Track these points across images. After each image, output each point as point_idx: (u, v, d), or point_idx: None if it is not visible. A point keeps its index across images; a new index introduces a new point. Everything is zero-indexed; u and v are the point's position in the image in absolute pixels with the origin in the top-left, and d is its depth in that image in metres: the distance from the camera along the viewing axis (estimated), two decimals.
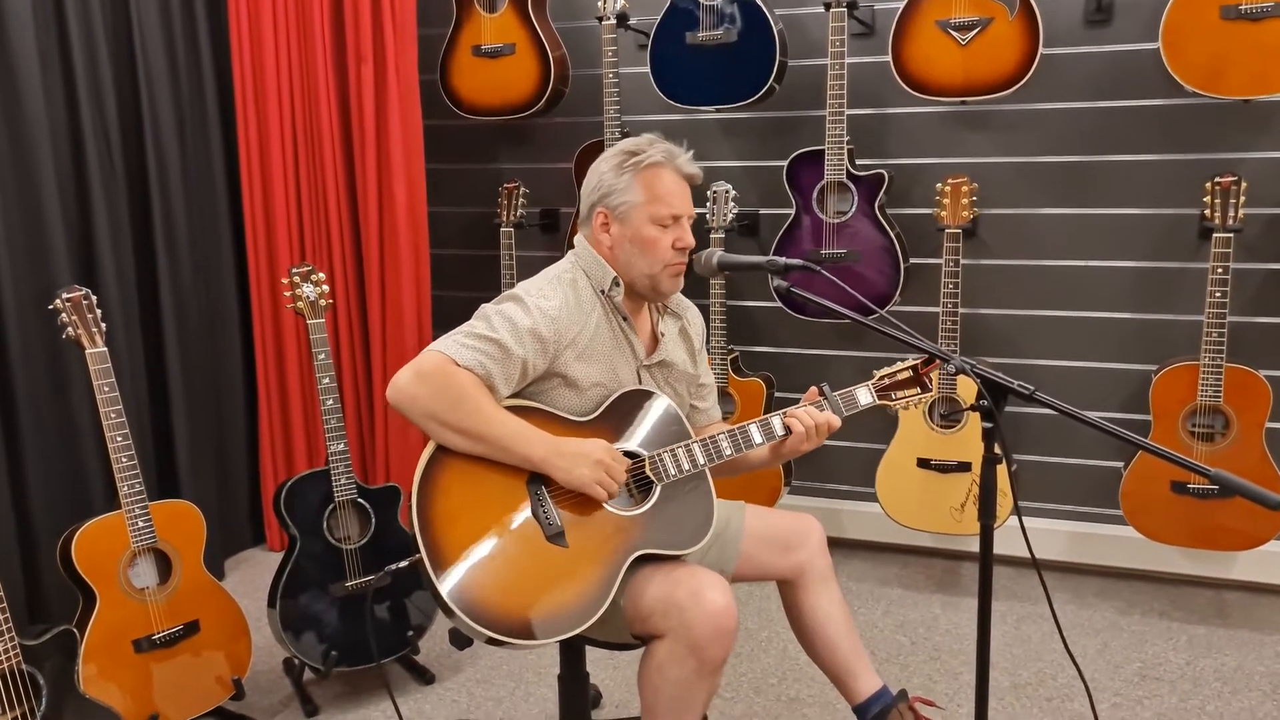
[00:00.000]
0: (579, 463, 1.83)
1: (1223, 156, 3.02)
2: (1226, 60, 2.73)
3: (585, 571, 1.83)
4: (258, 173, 3.50)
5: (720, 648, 1.80)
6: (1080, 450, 3.33)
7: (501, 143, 3.86)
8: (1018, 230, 3.28)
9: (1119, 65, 3.10)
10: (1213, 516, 2.89)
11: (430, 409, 1.83)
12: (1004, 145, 3.25)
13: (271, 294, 3.55)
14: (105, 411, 2.32)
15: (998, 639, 2.92)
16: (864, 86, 3.31)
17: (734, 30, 3.18)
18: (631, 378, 2.04)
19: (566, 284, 1.99)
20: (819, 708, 2.60)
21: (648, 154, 1.97)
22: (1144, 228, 3.16)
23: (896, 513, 3.21)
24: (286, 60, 3.46)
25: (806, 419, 1.98)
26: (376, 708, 2.68)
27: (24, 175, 2.88)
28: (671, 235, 1.97)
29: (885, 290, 3.16)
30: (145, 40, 3.23)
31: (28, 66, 2.84)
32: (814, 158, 3.18)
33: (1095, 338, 3.25)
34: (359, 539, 2.67)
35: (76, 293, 2.35)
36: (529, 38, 3.45)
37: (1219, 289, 2.78)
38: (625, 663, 2.80)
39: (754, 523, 2.16)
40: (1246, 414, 2.83)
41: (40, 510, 2.90)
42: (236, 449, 3.67)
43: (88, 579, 2.29)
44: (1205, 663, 2.77)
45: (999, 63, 2.94)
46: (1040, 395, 1.60)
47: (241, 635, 2.56)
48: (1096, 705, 2.56)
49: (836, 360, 3.54)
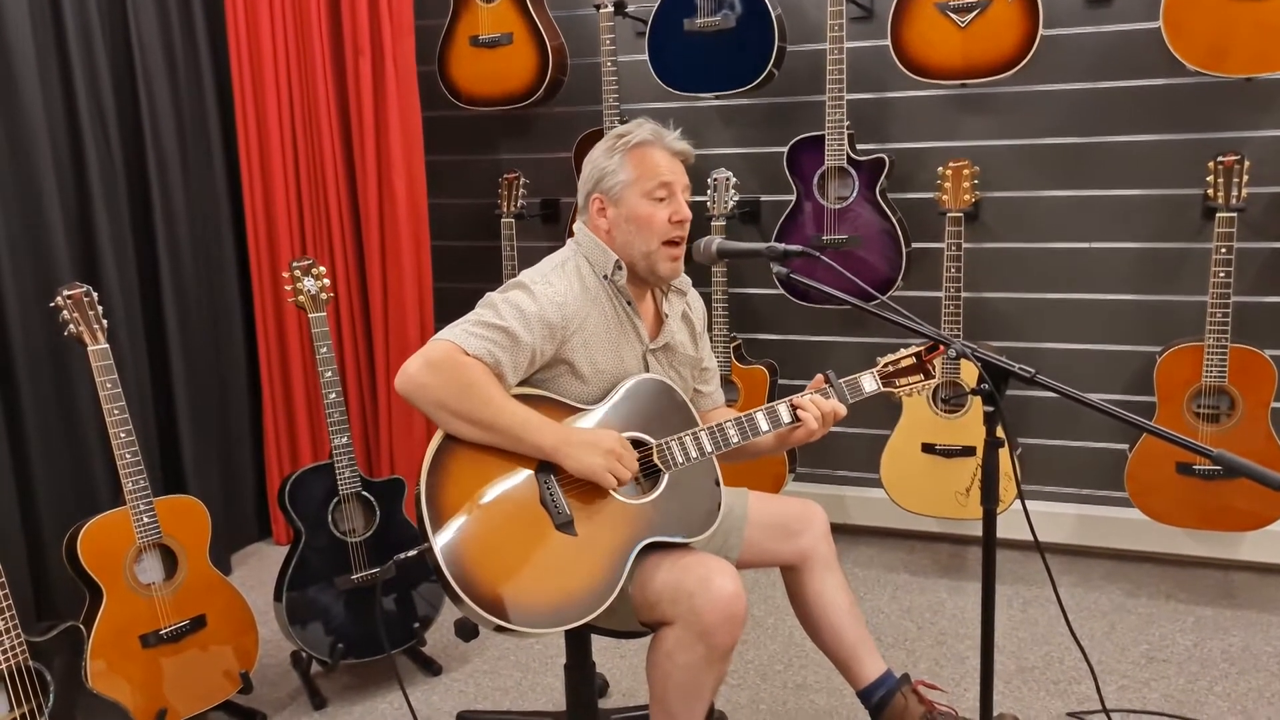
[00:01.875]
0: (590, 451, 1.83)
1: (1225, 135, 3.01)
2: (1228, 39, 2.71)
3: (594, 559, 1.83)
4: (257, 167, 3.50)
5: (729, 634, 1.80)
6: (1086, 433, 3.32)
7: (501, 133, 3.85)
8: (1020, 213, 3.27)
9: (1120, 45, 3.08)
10: (1219, 497, 2.89)
11: (439, 398, 1.83)
12: (1005, 128, 3.24)
13: (273, 288, 3.55)
14: (108, 408, 2.32)
15: (1004, 623, 2.92)
16: (863, 71, 3.29)
17: (732, 16, 3.16)
18: (637, 363, 2.04)
19: (571, 271, 1.99)
20: (825, 693, 2.60)
21: (635, 134, 1.99)
22: (1147, 208, 3.14)
23: (901, 498, 3.20)
24: (284, 54, 3.45)
25: (814, 407, 1.98)
26: (384, 699, 2.68)
27: (23, 173, 2.88)
28: (666, 209, 1.97)
29: (888, 275, 3.16)
30: (142, 36, 3.22)
31: (25, 64, 2.84)
32: (814, 143, 3.17)
33: (1099, 320, 3.24)
34: (364, 532, 2.67)
35: (78, 290, 2.35)
36: (526, 27, 3.43)
37: (1223, 269, 2.77)
38: (632, 651, 2.81)
39: (757, 509, 2.16)
40: (1252, 394, 2.83)
41: (46, 507, 2.91)
42: (241, 443, 3.67)
43: (94, 575, 2.30)
44: (1213, 644, 2.77)
45: (999, 45, 2.92)
46: (1041, 378, 1.59)
47: (248, 629, 2.56)
48: (1104, 688, 2.56)
49: (840, 346, 3.53)
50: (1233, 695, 2.53)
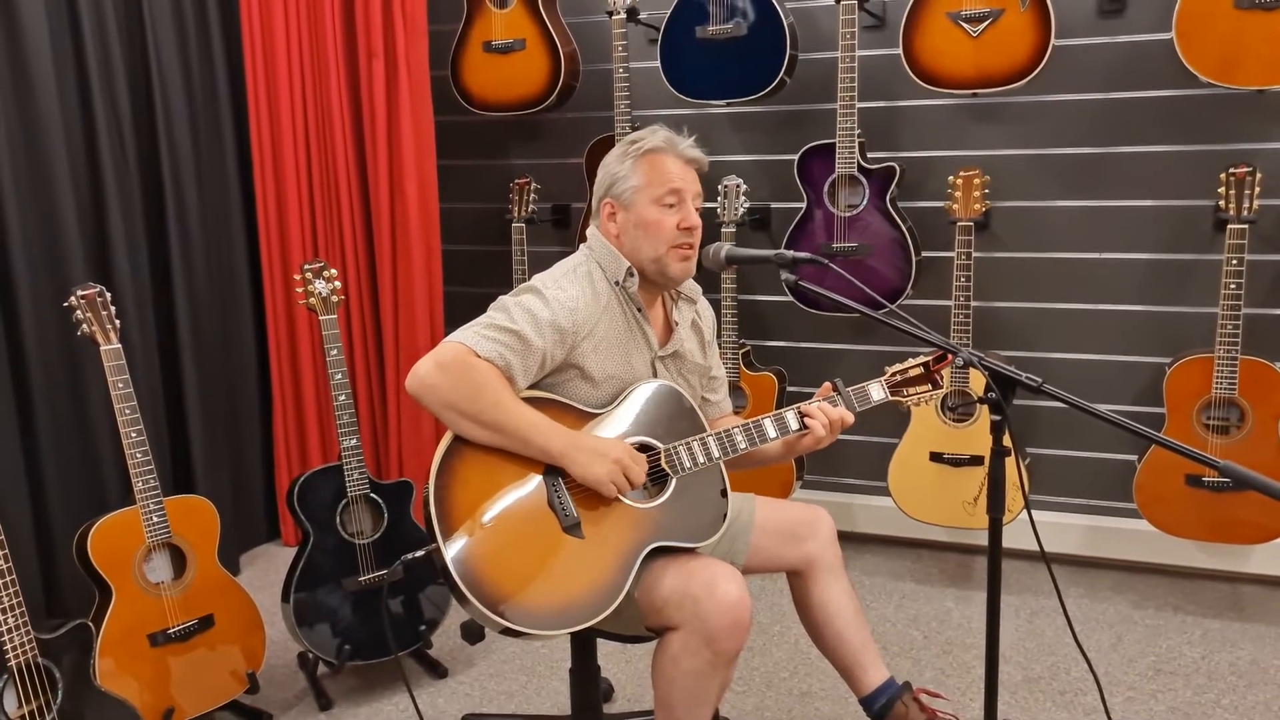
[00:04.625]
0: (595, 459, 1.84)
1: (1237, 147, 3.00)
2: (1241, 50, 2.71)
3: (600, 563, 1.84)
4: (270, 169, 3.52)
5: (734, 640, 1.81)
6: (1094, 444, 3.32)
7: (512, 138, 3.87)
8: (1030, 223, 3.26)
9: (1132, 56, 3.08)
10: (1228, 510, 2.88)
11: (449, 399, 1.84)
12: (1016, 137, 3.24)
13: (285, 290, 3.57)
14: (120, 408, 2.34)
15: (1011, 633, 2.91)
16: (875, 79, 3.30)
17: (744, 24, 3.18)
18: (646, 370, 2.04)
19: (582, 276, 1.99)
20: (831, 701, 2.60)
21: (648, 140, 2.01)
22: (1158, 219, 3.14)
23: (909, 506, 3.20)
24: (298, 57, 3.47)
25: (821, 415, 1.98)
26: (390, 701, 2.69)
27: (38, 174, 2.90)
28: (675, 216, 1.98)
29: (897, 284, 3.16)
30: (158, 39, 3.24)
31: (41, 64, 2.86)
32: (825, 151, 3.18)
33: (1109, 331, 3.24)
34: (372, 534, 2.68)
35: (91, 290, 2.36)
36: (539, 33, 3.45)
37: (1234, 280, 2.76)
38: (637, 656, 2.81)
39: (764, 514, 2.16)
40: (1262, 406, 2.82)
41: (56, 505, 2.93)
42: (251, 444, 3.69)
43: (103, 574, 2.31)
44: (1220, 657, 2.76)
45: (1011, 54, 2.92)
46: (1048, 387, 1.59)
47: (256, 630, 2.57)
48: (1111, 700, 2.56)
49: (848, 354, 3.53)
50: (1240, 709, 2.52)
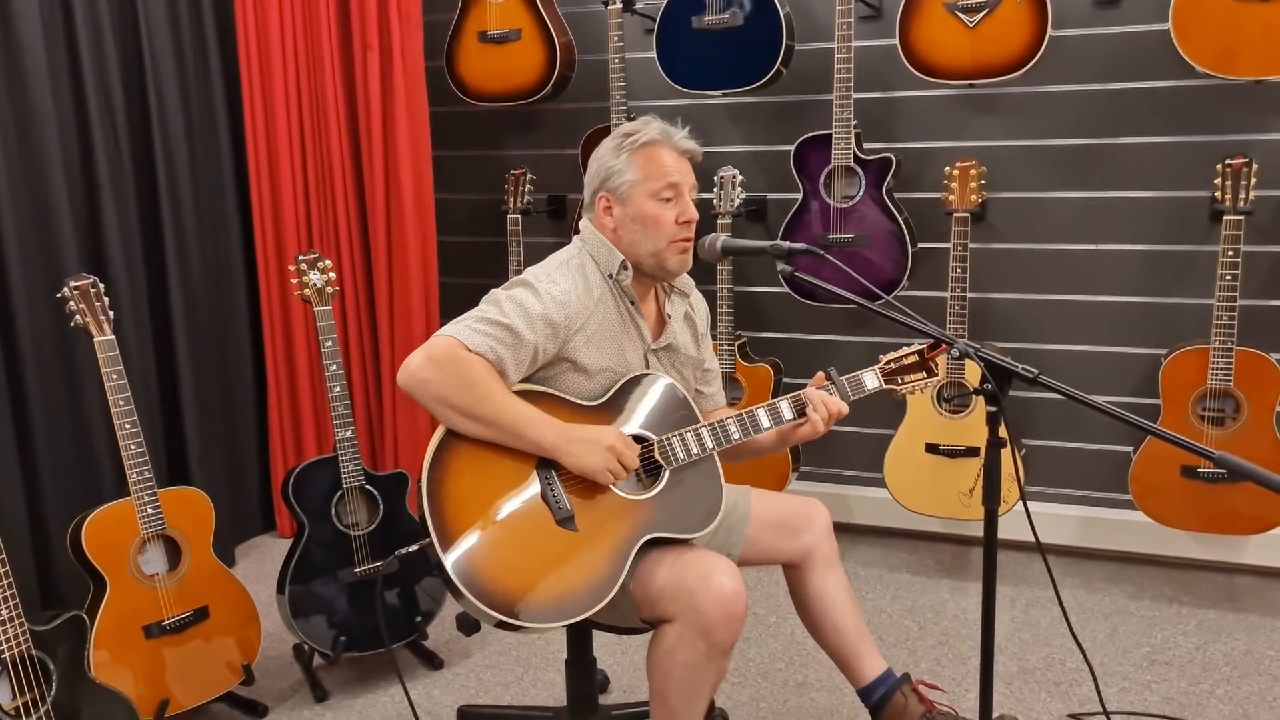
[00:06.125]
0: (588, 450, 1.84)
1: (1234, 138, 3.00)
2: (1237, 41, 2.71)
3: (595, 555, 1.84)
4: (265, 160, 3.50)
5: (729, 631, 1.81)
6: (1090, 435, 3.32)
7: (508, 129, 3.85)
8: (1027, 214, 3.26)
9: (1129, 47, 3.07)
10: (1223, 501, 2.88)
11: (441, 393, 1.83)
12: (1012, 128, 3.23)
13: (280, 281, 3.56)
14: (114, 399, 2.33)
15: (1007, 624, 2.91)
16: (871, 70, 3.29)
17: (740, 14, 3.16)
18: (639, 362, 2.04)
19: (575, 269, 1.99)
20: (826, 692, 2.60)
21: (643, 133, 1.99)
22: (1154, 211, 3.13)
23: (905, 498, 3.20)
24: (293, 48, 3.45)
25: (824, 408, 1.98)
26: (385, 692, 2.69)
27: (32, 164, 2.89)
28: (674, 210, 1.97)
29: (893, 275, 3.15)
30: (151, 29, 3.23)
31: (34, 56, 2.85)
32: (821, 142, 3.17)
33: (1105, 322, 3.24)
34: (367, 525, 2.68)
35: (84, 281, 2.35)
36: (535, 23, 3.44)
37: (1230, 272, 2.76)
38: (632, 648, 2.81)
39: (760, 506, 2.16)
40: (1257, 398, 2.82)
41: (51, 497, 2.92)
42: (246, 436, 3.68)
43: (98, 565, 2.31)
44: (1215, 647, 2.77)
45: (1007, 45, 2.91)
46: (1044, 378, 1.59)
47: (251, 621, 2.57)
48: (1106, 690, 2.56)
49: (845, 345, 3.53)
50: (1235, 699, 2.52)
